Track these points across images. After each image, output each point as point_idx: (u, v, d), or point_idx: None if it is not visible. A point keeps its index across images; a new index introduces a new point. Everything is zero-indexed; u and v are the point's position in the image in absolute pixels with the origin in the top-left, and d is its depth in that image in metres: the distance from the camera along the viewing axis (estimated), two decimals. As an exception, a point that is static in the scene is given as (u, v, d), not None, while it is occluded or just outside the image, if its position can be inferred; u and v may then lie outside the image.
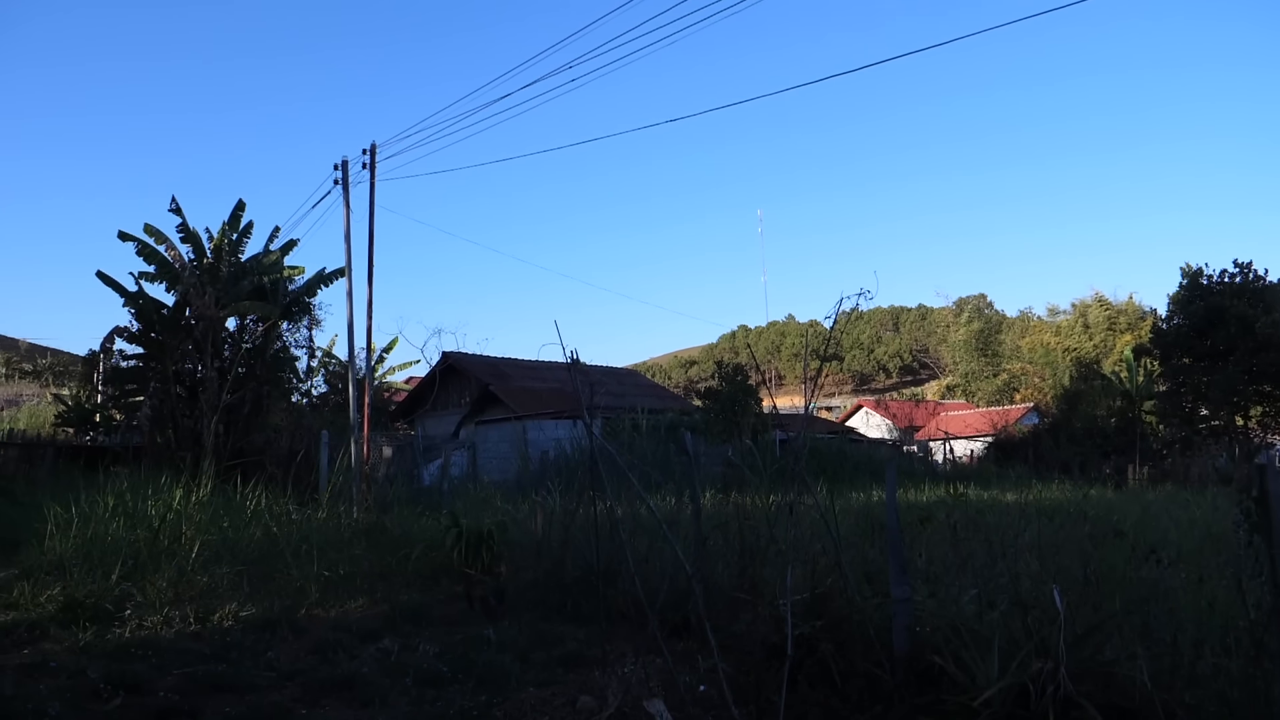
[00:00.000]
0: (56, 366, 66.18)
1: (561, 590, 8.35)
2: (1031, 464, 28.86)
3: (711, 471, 16.92)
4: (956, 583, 5.79)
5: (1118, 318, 53.78)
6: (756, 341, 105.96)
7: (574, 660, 6.54)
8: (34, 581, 8.83)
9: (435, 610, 8.49)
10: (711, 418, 26.69)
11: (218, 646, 6.92)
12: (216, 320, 22.28)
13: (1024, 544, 6.86)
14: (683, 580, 6.55)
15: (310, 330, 26.35)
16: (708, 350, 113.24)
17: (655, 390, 43.68)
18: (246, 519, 11.33)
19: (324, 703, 5.67)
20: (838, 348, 75.90)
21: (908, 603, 5.24)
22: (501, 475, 23.80)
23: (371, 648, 7.05)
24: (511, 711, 5.33)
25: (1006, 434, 38.21)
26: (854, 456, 27.93)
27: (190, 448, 20.71)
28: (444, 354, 36.61)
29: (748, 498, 7.56)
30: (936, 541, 7.61)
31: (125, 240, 23.00)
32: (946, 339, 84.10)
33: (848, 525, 8.46)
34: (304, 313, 25.45)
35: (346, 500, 14.05)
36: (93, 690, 5.69)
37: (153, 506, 11.02)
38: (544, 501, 10.43)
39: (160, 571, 8.87)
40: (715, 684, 5.25)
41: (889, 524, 5.57)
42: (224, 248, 23.71)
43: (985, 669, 4.50)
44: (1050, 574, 5.56)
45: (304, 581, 9.16)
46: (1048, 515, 10.14)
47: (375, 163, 20.10)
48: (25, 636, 7.13)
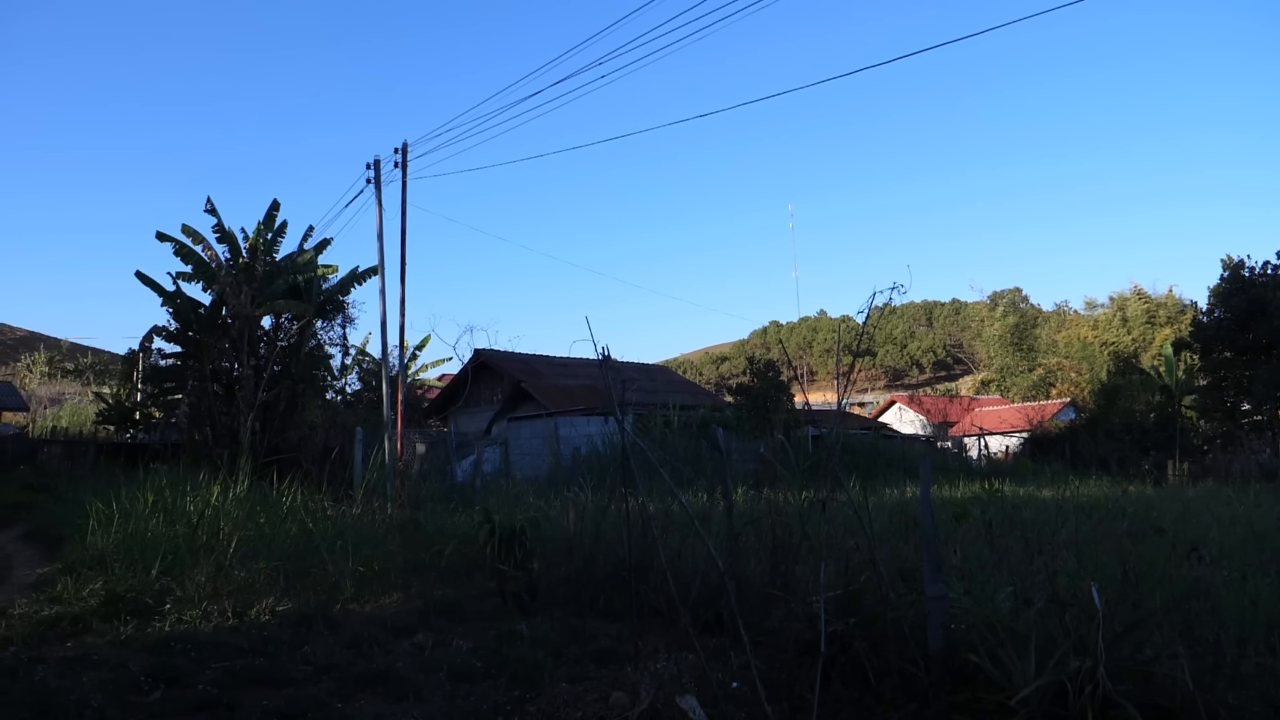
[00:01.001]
0: (97, 365, 67.45)
1: (594, 586, 8.37)
2: (1068, 460, 28.49)
3: (743, 468, 16.90)
4: (992, 580, 5.72)
5: (1157, 311, 52.87)
6: (788, 337, 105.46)
7: (606, 656, 6.55)
8: (77, 576, 9.01)
9: (469, 606, 8.54)
10: (743, 414, 26.60)
11: (255, 641, 7.01)
12: (252, 319, 22.56)
13: (1061, 541, 6.77)
14: (715, 576, 6.53)
15: (344, 328, 26.61)
16: (739, 346, 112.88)
17: (686, 386, 43.62)
18: (282, 515, 11.46)
19: (359, 697, 5.72)
20: (870, 343, 75.51)
21: (942, 600, 5.19)
22: (534, 471, 23.89)
23: (406, 643, 7.11)
24: (545, 707, 5.34)
25: (1043, 430, 37.73)
26: (887, 453, 27.73)
27: (227, 445, 20.99)
28: (476, 351, 36.81)
29: (780, 494, 7.53)
30: (972, 538, 7.53)
31: (163, 241, 23.35)
32: (981, 333, 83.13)
33: (881, 522, 8.39)
34: (338, 311, 25.69)
35: (381, 496, 14.17)
36: (134, 683, 5.78)
37: (191, 503, 11.20)
38: (576, 498, 10.45)
39: (199, 567, 9.01)
40: (748, 681, 5.23)
41: (923, 520, 5.52)
42: (259, 247, 24.00)
43: (1022, 667, 4.45)
44: (1088, 571, 5.49)
45: (339, 577, 9.25)
46: (1085, 512, 9.99)
47: (407, 161, 20.22)
48: (68, 630, 7.27)
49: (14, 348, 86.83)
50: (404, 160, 20.25)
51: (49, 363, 70.51)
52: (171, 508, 11.17)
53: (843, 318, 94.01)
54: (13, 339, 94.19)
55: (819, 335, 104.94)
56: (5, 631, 7.12)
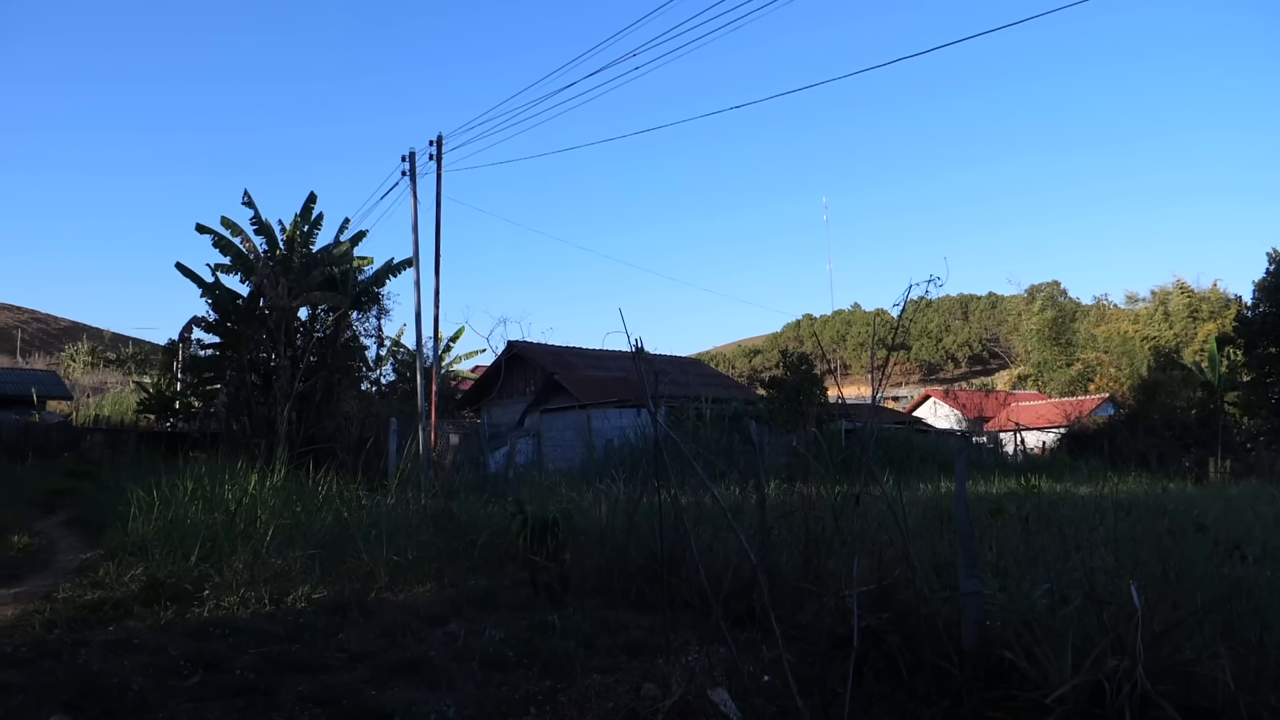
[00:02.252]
0: (139, 355, 68.68)
1: (625, 578, 8.38)
2: (1107, 456, 28.08)
3: (776, 461, 16.83)
4: (1028, 577, 5.66)
5: (1200, 305, 51.95)
6: (822, 330, 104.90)
7: (638, 648, 6.56)
8: (118, 562, 9.18)
9: (501, 596, 8.59)
10: (776, 407, 26.51)
11: (291, 627, 7.10)
12: (289, 310, 22.80)
13: (1099, 538, 6.69)
14: (747, 570, 6.51)
15: (379, 320, 26.84)
16: (772, 339, 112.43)
17: (719, 379, 43.52)
18: (318, 504, 11.59)
19: (393, 684, 5.77)
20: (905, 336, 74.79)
21: (977, 596, 5.14)
22: (566, 463, 23.98)
23: (439, 631, 7.16)
24: (576, 697, 5.36)
25: (1080, 425, 37.23)
26: (921, 447, 27.52)
27: (264, 434, 21.26)
28: (509, 343, 36.99)
29: (813, 488, 7.50)
30: (1007, 534, 7.45)
31: (202, 233, 23.68)
32: (1018, 327, 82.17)
33: (915, 517, 8.33)
34: (373, 302, 25.92)
35: (414, 486, 14.29)
36: (173, 667, 5.88)
37: (229, 491, 11.36)
38: (608, 489, 10.47)
39: (236, 554, 9.13)
40: (779, 674, 5.22)
41: (958, 515, 5.46)
42: (296, 239, 24.26)
43: (1058, 665, 4.39)
44: (1127, 569, 5.41)
45: (373, 566, 9.34)
46: (1124, 509, 9.86)
47: (442, 154, 20.35)
48: (110, 614, 7.41)
49: (58, 337, 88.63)
50: (439, 153, 20.38)
51: (92, 352, 71.96)
52: (210, 496, 11.34)
53: (877, 311, 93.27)
54: (57, 329, 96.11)
55: (853, 328, 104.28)
56: (50, 615, 7.27)
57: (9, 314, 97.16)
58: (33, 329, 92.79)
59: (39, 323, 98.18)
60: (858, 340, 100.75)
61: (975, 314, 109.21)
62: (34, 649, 6.23)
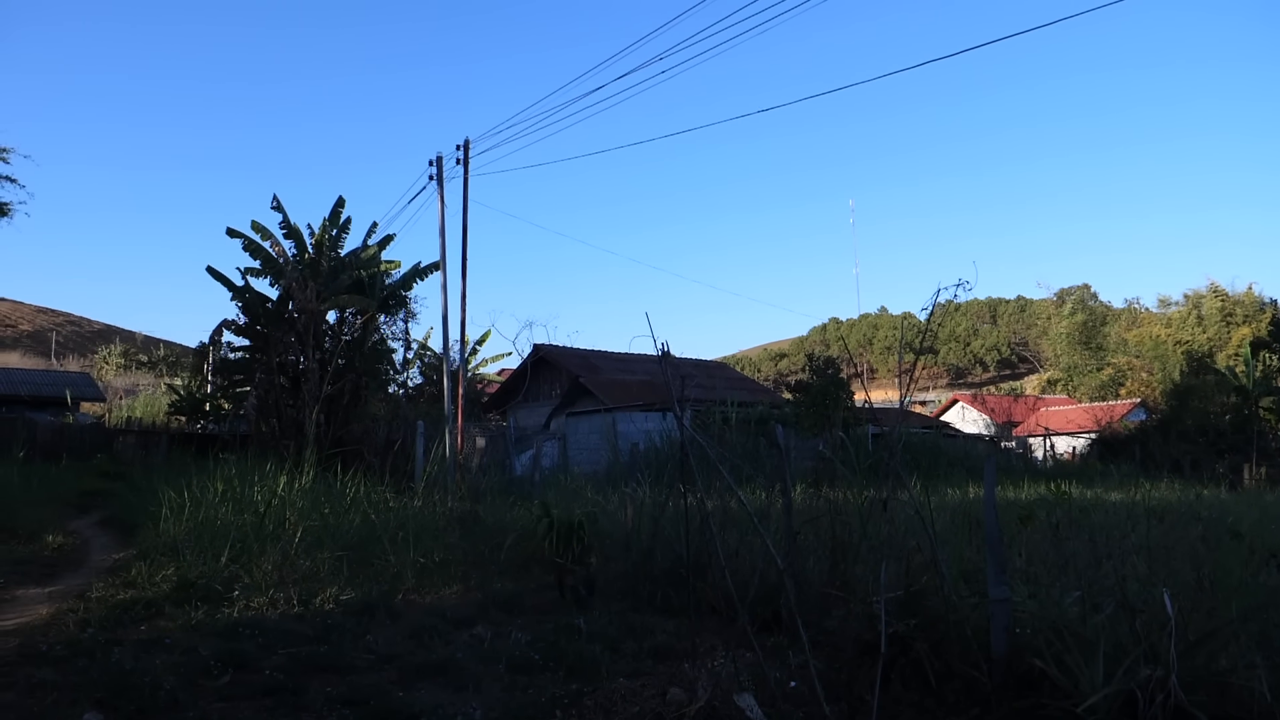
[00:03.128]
0: (170, 358, 69.63)
1: (651, 582, 8.37)
2: (1138, 462, 27.72)
3: (802, 465, 16.72)
4: (1058, 584, 5.60)
5: (1234, 309, 51.11)
6: (848, 334, 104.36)
7: (663, 652, 6.55)
8: (150, 562, 9.30)
9: (527, 599, 8.60)
10: (802, 411, 26.40)
11: (319, 628, 7.15)
12: (317, 313, 23.00)
13: (1131, 545, 6.60)
14: (773, 575, 6.49)
15: (406, 323, 27.09)
16: (798, 343, 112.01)
17: (744, 383, 43.43)
18: (346, 506, 11.67)
19: (420, 686, 5.80)
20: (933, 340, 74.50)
21: (1006, 603, 5.09)
22: (591, 466, 23.99)
23: (465, 634, 7.19)
24: (602, 701, 5.36)
25: (1111, 430, 36.78)
26: (949, 452, 27.27)
27: (293, 436, 21.45)
28: (535, 346, 37.13)
29: (839, 493, 7.45)
30: (1037, 541, 7.38)
31: (233, 237, 23.96)
32: (1047, 331, 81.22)
33: (943, 523, 8.26)
34: (400, 306, 26.11)
35: (441, 489, 14.35)
36: (204, 667, 5.94)
37: (258, 492, 11.46)
38: (633, 493, 10.47)
39: (265, 555, 9.21)
40: (806, 680, 5.19)
41: (987, 521, 5.41)
42: (324, 243, 24.48)
43: (1090, 674, 4.34)
44: (1160, 577, 5.34)
45: (400, 568, 9.39)
46: (1156, 516, 9.73)
47: (469, 158, 20.46)
48: (142, 614, 7.49)
49: (91, 340, 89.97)
50: (466, 157, 20.50)
51: (124, 355, 73.00)
52: (240, 497, 11.44)
53: (904, 314, 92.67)
54: (90, 331, 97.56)
55: (879, 332, 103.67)
56: (84, 614, 7.37)
57: (44, 317, 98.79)
58: (67, 332, 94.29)
59: (73, 325, 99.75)
60: (884, 344, 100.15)
61: (1004, 317, 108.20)
62: (68, 647, 6.32)
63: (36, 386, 41.55)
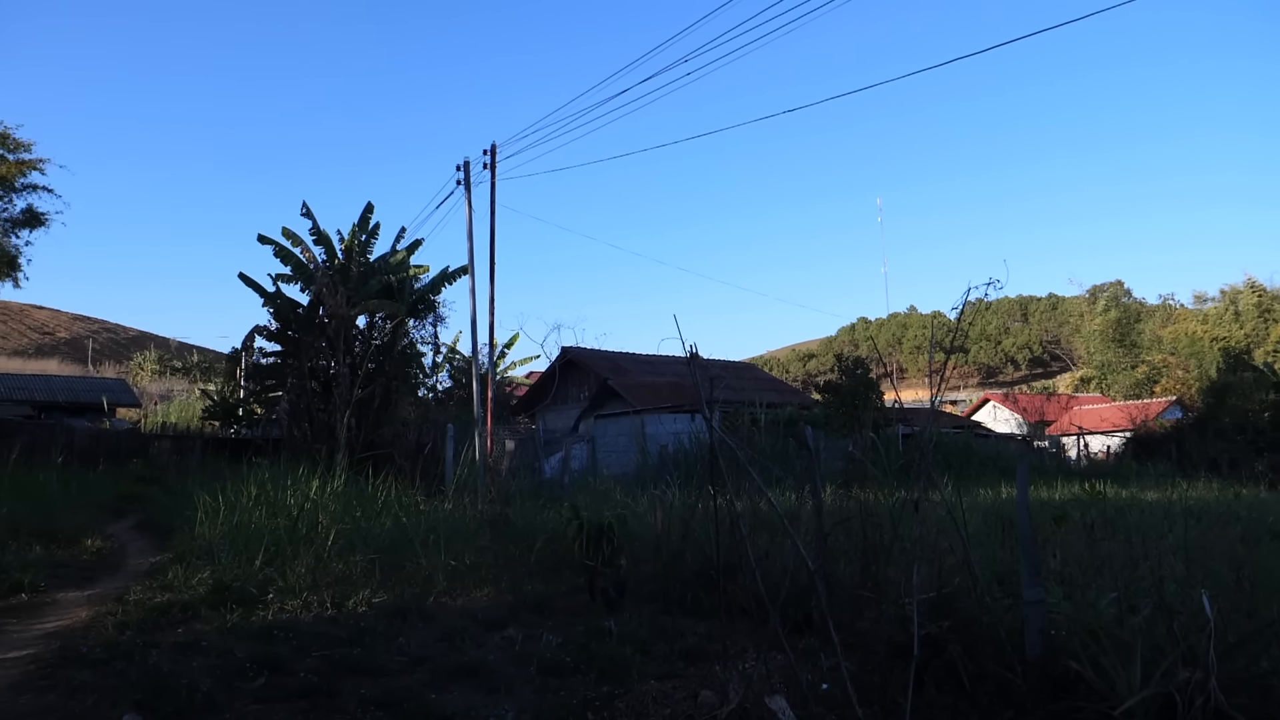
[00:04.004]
0: (203, 363, 70.57)
1: (681, 584, 8.36)
2: (1175, 461, 27.30)
3: (832, 466, 16.62)
4: (1093, 585, 5.53)
5: (1272, 305, 50.28)
6: (877, 334, 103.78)
7: (694, 654, 6.54)
8: (186, 565, 9.41)
9: (557, 601, 8.62)
10: (831, 412, 26.29)
11: (352, 631, 7.21)
12: (348, 318, 23.21)
13: (1168, 546, 6.51)
14: (804, 576, 6.46)
15: (435, 327, 27.23)
16: (826, 343, 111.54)
17: (773, 384, 43.29)
18: (377, 509, 11.75)
19: (452, 688, 5.83)
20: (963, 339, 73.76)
21: (1041, 605, 5.03)
22: (620, 469, 23.99)
23: (496, 636, 7.22)
24: (634, 703, 5.36)
25: (1146, 429, 36.27)
26: (981, 452, 27.02)
27: (325, 440, 21.65)
28: (563, 349, 37.25)
29: (870, 494, 7.41)
30: (1071, 542, 7.28)
31: (264, 243, 24.25)
32: (1080, 329, 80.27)
33: (975, 523, 8.19)
34: (429, 310, 26.27)
35: (471, 492, 14.42)
36: (240, 669, 6.01)
37: (291, 496, 11.57)
38: (663, 495, 10.46)
39: (299, 558, 9.30)
40: (838, 682, 5.16)
41: (1020, 522, 5.36)
42: (354, 248, 24.69)
43: (1126, 677, 4.28)
44: (1198, 578, 5.26)
45: (432, 570, 9.45)
46: (1194, 516, 9.58)
47: (495, 163, 20.56)
48: (179, 616, 7.59)
49: (127, 346, 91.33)
50: (493, 161, 20.61)
51: (159, 361, 74.05)
52: (273, 501, 11.56)
53: (934, 313, 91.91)
54: (126, 338, 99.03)
55: (909, 331, 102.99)
56: (122, 617, 7.47)
57: (81, 324, 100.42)
58: (103, 339, 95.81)
59: (109, 332, 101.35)
60: (914, 343, 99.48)
61: (1035, 316, 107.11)
62: (107, 650, 6.41)
63: (74, 393, 42.29)
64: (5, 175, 27.99)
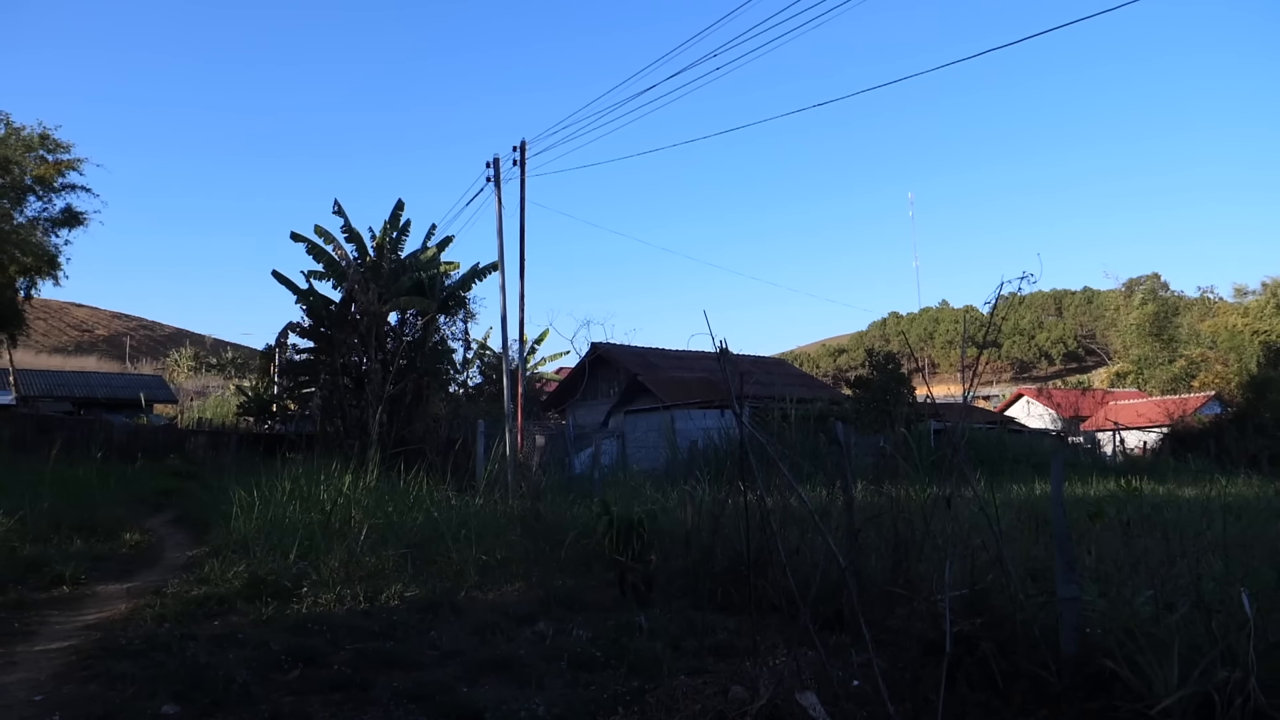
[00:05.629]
0: (238, 360, 71.50)
1: (711, 579, 8.35)
2: (1213, 457, 26.84)
3: (862, 462, 16.53)
4: (1129, 583, 5.46)
5: (1316, 297, 49.18)
6: (908, 328, 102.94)
7: (724, 650, 6.54)
8: (222, 559, 9.55)
9: (587, 596, 8.64)
10: (862, 407, 26.14)
11: (385, 624, 7.28)
12: (379, 315, 23.40)
13: (1206, 543, 6.41)
14: (834, 572, 6.43)
15: (465, 323, 27.37)
16: (857, 338, 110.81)
17: (803, 379, 43.08)
18: (409, 504, 11.84)
19: (484, 682, 5.87)
20: (996, 334, 72.93)
21: (1076, 602, 4.97)
22: (650, 464, 24.00)
23: (527, 630, 7.25)
24: (664, 698, 5.36)
25: (1184, 425, 35.69)
26: (1014, 448, 26.73)
27: (357, 436, 21.85)
28: (593, 345, 37.29)
29: (901, 489, 7.36)
30: (1106, 539, 7.20)
31: (297, 241, 24.50)
32: (1116, 323, 79.01)
33: (1008, 520, 8.11)
34: (459, 306, 26.41)
35: (502, 487, 14.48)
36: (275, 661, 6.09)
37: (324, 491, 11.69)
38: (693, 491, 10.45)
39: (332, 552, 9.40)
40: (869, 679, 5.13)
41: (1055, 518, 5.30)
42: (385, 245, 24.88)
43: (1164, 676, 4.22)
44: (1237, 576, 5.18)
45: (463, 565, 9.51)
46: (1233, 513, 9.42)
47: (525, 159, 20.60)
48: (215, 609, 7.71)
49: (163, 344, 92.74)
50: (522, 158, 20.65)
51: (195, 357, 75.14)
52: (307, 496, 11.69)
53: (966, 308, 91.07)
54: (162, 335, 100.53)
55: (940, 326, 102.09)
56: (160, 609, 7.60)
57: (119, 322, 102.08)
58: (140, 336, 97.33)
59: (146, 330, 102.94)
60: (946, 338, 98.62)
61: (1070, 309, 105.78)
62: (146, 642, 6.53)
63: (113, 389, 43.05)
64: (44, 176, 28.47)
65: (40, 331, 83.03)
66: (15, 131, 28.39)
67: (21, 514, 11.37)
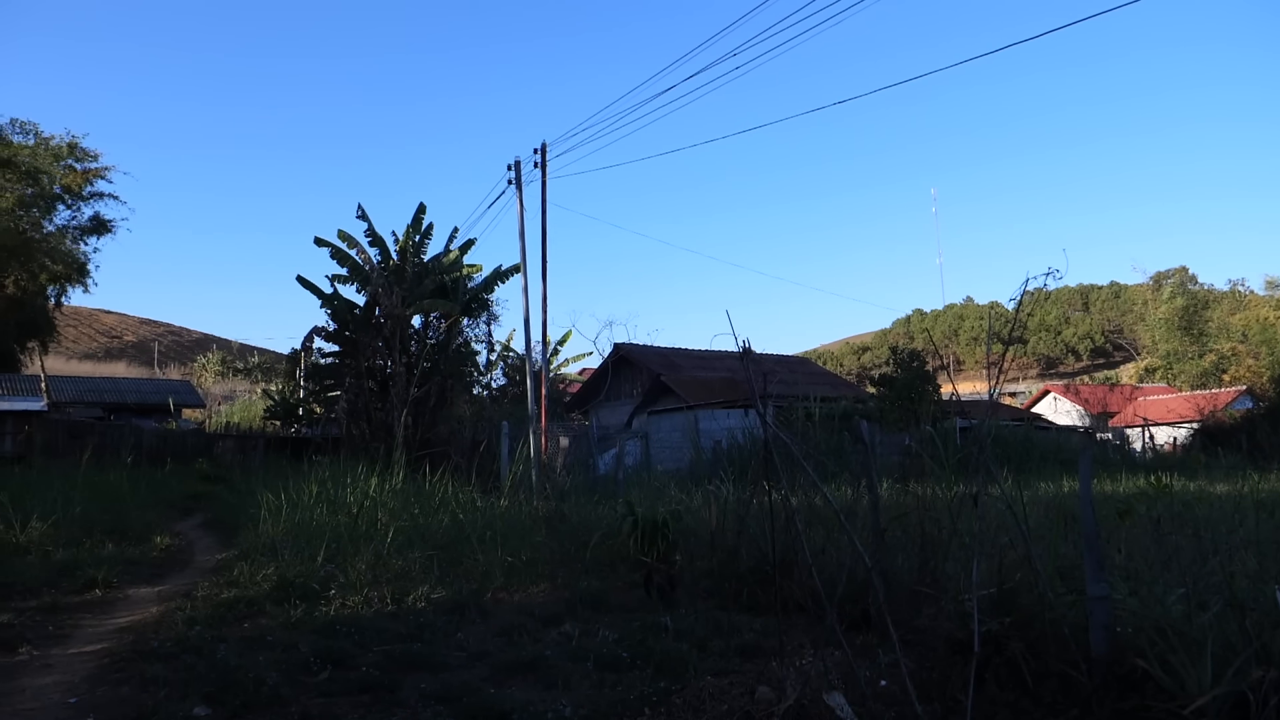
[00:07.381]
0: (264, 364, 72.23)
1: (736, 580, 8.34)
2: (1245, 453, 26.46)
3: (888, 461, 16.47)
4: (1160, 581, 5.39)
5: (1347, 290, 48.43)
6: (933, 325, 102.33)
7: (750, 650, 6.52)
8: (251, 562, 9.65)
9: (613, 597, 8.65)
10: (887, 405, 25.99)
11: (412, 626, 7.32)
12: (403, 318, 23.53)
13: (1239, 540, 6.32)
14: (861, 572, 6.40)
15: (489, 325, 27.56)
16: (881, 336, 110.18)
17: (827, 378, 42.92)
18: (435, 506, 11.90)
19: (510, 683, 5.89)
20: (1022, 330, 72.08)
21: (1105, 600, 4.92)
22: (674, 464, 23.99)
23: (553, 632, 7.26)
24: (690, 699, 5.36)
25: (1215, 420, 35.23)
26: (1041, 445, 26.49)
27: (383, 438, 21.98)
28: (616, 345, 37.36)
29: (927, 488, 7.31)
30: (1136, 536, 7.11)
31: (321, 245, 24.67)
32: (1144, 317, 78.06)
33: (1036, 518, 8.02)
34: (483, 309, 26.54)
35: (526, 488, 14.53)
36: (304, 663, 6.14)
37: (351, 494, 11.78)
38: (717, 491, 10.44)
39: (359, 555, 9.47)
40: (896, 679, 5.11)
41: (1084, 516, 5.24)
42: (408, 249, 25.01)
43: (1196, 675, 4.17)
44: (1271, 574, 5.10)
45: (489, 567, 9.54)
46: (1267, 509, 9.28)
47: (546, 161, 20.67)
48: (245, 611, 7.79)
49: (191, 349, 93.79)
50: (543, 160, 20.71)
51: (222, 362, 75.93)
52: (333, 499, 11.78)
53: (991, 304, 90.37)
54: (190, 341, 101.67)
55: (965, 323, 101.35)
56: (191, 612, 7.69)
57: (147, 328, 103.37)
58: (168, 341, 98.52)
59: (174, 336, 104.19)
60: (970, 335, 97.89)
61: (1096, 304, 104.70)
62: (177, 644, 6.60)
63: (142, 394, 43.57)
64: (73, 185, 28.90)
65: (70, 338, 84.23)
66: (44, 142, 28.85)
67: (55, 519, 11.54)
